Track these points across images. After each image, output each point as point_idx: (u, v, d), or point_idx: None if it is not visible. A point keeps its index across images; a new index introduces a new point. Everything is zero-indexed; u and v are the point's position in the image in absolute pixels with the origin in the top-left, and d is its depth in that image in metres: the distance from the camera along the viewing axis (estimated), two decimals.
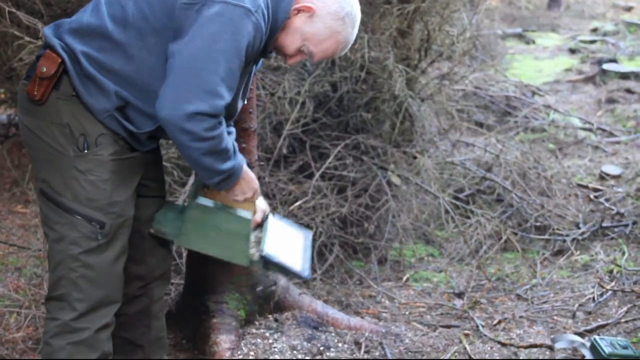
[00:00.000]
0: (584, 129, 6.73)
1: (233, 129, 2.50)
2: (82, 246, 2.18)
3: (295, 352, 2.96)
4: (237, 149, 2.25)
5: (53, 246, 2.23)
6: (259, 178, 3.40)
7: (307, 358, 2.94)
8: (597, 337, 3.02)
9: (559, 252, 4.22)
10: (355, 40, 4.70)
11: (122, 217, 2.21)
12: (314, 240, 3.86)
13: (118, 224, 2.20)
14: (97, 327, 2.24)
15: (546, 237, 4.36)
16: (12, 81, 5.27)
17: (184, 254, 3.45)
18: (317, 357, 2.96)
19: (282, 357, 2.91)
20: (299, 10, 2.15)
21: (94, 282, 2.21)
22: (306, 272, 2.50)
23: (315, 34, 2.17)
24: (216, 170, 2.16)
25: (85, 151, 2.13)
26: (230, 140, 2.17)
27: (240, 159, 2.25)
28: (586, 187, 5.16)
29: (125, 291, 2.41)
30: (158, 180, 2.49)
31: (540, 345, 3.13)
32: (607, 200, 4.86)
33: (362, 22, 4.94)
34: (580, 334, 3.18)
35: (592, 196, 4.96)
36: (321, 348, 3.02)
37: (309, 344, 3.04)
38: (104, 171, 2.15)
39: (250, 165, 3.12)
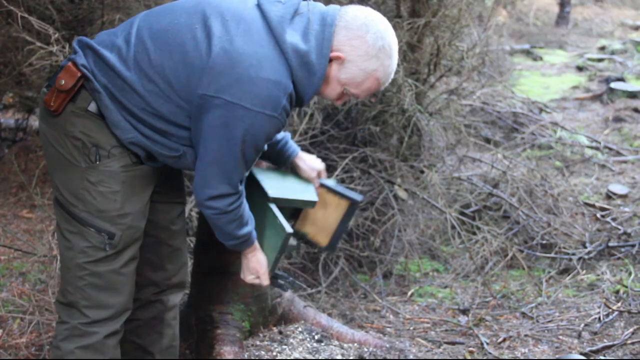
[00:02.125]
0: (591, 147, 6.72)
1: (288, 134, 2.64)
2: (90, 255, 2.20)
3: None
4: (252, 219, 2.37)
5: (64, 253, 2.25)
6: None
7: None
8: (602, 357, 3.01)
9: (565, 271, 4.21)
10: None
11: (132, 228, 2.23)
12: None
13: (128, 235, 2.22)
14: (106, 333, 2.26)
15: (552, 255, 4.34)
16: (21, 86, 5.28)
17: (190, 263, 3.44)
18: None
19: None
20: (331, 60, 2.14)
21: (103, 290, 2.23)
22: None
23: (352, 79, 2.17)
24: (235, 235, 2.30)
25: (97, 162, 2.14)
26: (246, 209, 2.32)
27: (250, 233, 2.37)
28: (593, 205, 5.15)
29: (140, 296, 2.45)
30: (175, 187, 2.50)
31: None
32: (613, 219, 4.84)
33: None
34: (586, 355, 3.16)
35: (598, 215, 4.95)
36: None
37: (313, 357, 3.03)
38: (114, 183, 2.17)
39: None
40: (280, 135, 2.58)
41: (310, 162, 2.66)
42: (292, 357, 2.98)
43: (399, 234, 4.19)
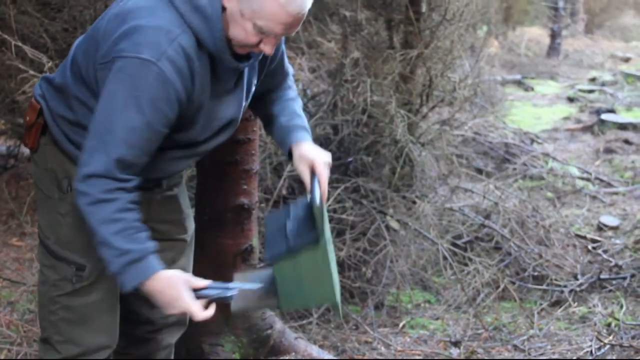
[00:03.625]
0: (582, 179, 6.74)
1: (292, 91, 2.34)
2: (61, 289, 2.10)
3: None
4: (147, 237, 1.91)
5: (39, 288, 2.20)
6: (258, 219, 3.39)
7: None
8: None
9: (557, 303, 4.19)
10: (358, 84, 4.78)
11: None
12: None
13: (101, 267, 2.00)
14: None
15: (544, 287, 4.33)
16: (14, 113, 5.28)
17: None
18: None
19: None
20: None
21: (75, 324, 2.13)
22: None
23: (250, 7, 1.80)
24: (115, 247, 1.84)
25: (68, 193, 2.04)
26: (138, 219, 1.89)
27: (150, 250, 1.89)
28: (584, 237, 5.15)
29: (135, 332, 2.37)
30: (171, 221, 2.32)
31: None
32: (605, 251, 4.85)
33: (365, 66, 5.01)
34: None
35: (590, 247, 4.95)
36: None
37: None
38: (71, 215, 2.04)
39: (251, 207, 3.11)
40: (288, 114, 2.25)
41: (305, 152, 2.15)
42: None
43: (390, 264, 4.18)
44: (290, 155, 2.18)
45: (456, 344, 3.73)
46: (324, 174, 2.08)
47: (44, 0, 4.84)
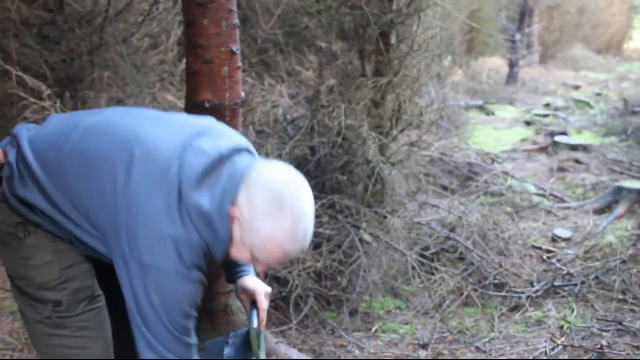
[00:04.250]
0: (538, 195, 6.78)
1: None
2: (47, 325, 1.98)
3: None
4: None
5: (26, 327, 2.07)
6: None
7: None
8: None
9: (515, 308, 4.21)
10: (333, 109, 4.80)
11: (79, 290, 1.97)
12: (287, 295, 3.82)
13: (76, 298, 1.96)
14: None
15: (503, 293, 4.34)
16: None
17: None
18: None
19: None
20: (232, 218, 1.75)
21: (74, 349, 2.01)
22: None
23: (252, 242, 1.74)
24: None
25: (25, 238, 1.92)
26: None
27: None
28: (540, 248, 5.18)
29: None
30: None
31: None
32: (558, 260, 4.88)
33: (340, 93, 5.03)
34: None
35: (545, 257, 4.98)
36: None
37: None
38: (45, 255, 1.93)
39: None
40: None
41: (246, 284, 2.13)
42: None
43: (364, 274, 4.18)
44: (232, 282, 2.20)
45: (424, 346, 3.73)
46: (263, 303, 2.09)
47: (44, 34, 4.83)
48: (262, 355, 2.05)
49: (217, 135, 1.87)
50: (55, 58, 4.78)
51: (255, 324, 2.02)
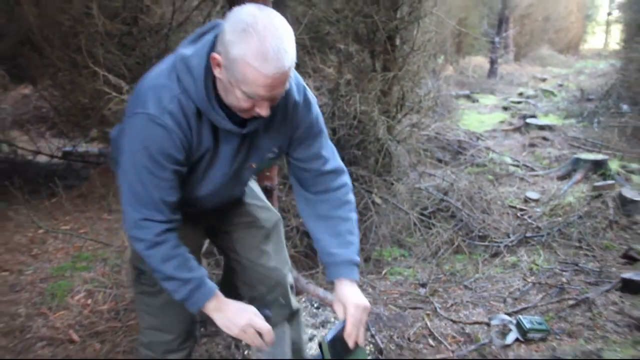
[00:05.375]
0: (513, 165, 6.72)
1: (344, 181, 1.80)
2: (137, 288, 1.89)
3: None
4: (197, 264, 1.63)
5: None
6: (279, 198, 3.38)
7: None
8: (520, 316, 3.00)
9: (495, 255, 4.19)
10: (350, 98, 4.76)
11: None
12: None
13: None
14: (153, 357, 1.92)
15: (486, 243, 4.33)
16: (103, 124, 5.29)
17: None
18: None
19: None
20: (217, 65, 1.45)
21: (152, 316, 1.89)
22: None
23: (233, 75, 1.41)
24: (178, 278, 1.58)
25: None
26: (186, 250, 1.62)
27: (205, 275, 1.63)
28: (515, 207, 5.14)
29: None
30: (241, 221, 1.95)
31: (480, 323, 3.10)
32: (529, 217, 4.84)
33: (355, 85, 5.00)
34: (509, 314, 3.15)
35: (518, 214, 4.94)
36: (321, 321, 3.00)
37: (312, 319, 3.02)
38: None
39: (272, 189, 3.10)
40: (335, 235, 1.73)
41: (342, 295, 1.68)
42: None
43: (375, 229, 4.18)
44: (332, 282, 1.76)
45: (423, 285, 3.73)
46: (356, 316, 1.63)
47: (123, 42, 4.85)
48: None
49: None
50: (132, 61, 4.79)
51: (330, 336, 1.60)
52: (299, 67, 6.09)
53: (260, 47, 1.35)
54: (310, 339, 2.81)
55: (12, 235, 4.25)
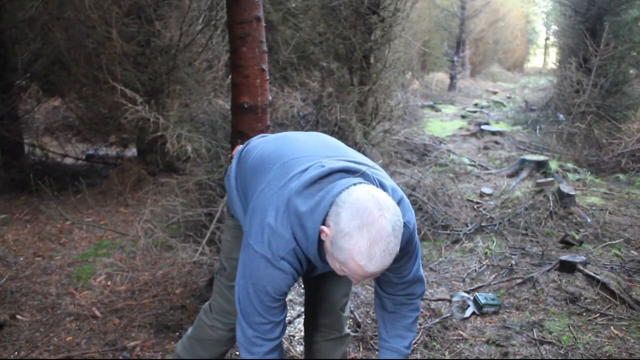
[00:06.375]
0: (471, 165, 6.73)
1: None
2: (217, 275, 1.87)
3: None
4: None
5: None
6: None
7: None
8: (477, 293, 3.00)
9: (456, 242, 4.19)
10: (331, 108, 4.74)
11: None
12: None
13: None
14: (229, 328, 1.87)
15: (448, 232, 4.32)
16: (120, 131, 5.24)
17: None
18: None
19: None
20: (322, 235, 1.33)
21: (227, 302, 1.84)
22: None
23: (337, 256, 1.29)
24: None
25: (228, 219, 1.81)
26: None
27: None
28: (472, 200, 5.15)
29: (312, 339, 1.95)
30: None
31: (443, 299, 3.10)
32: (484, 209, 4.84)
33: (336, 97, 4.98)
34: (467, 292, 3.15)
35: (475, 207, 4.95)
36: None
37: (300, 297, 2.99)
38: (228, 234, 1.80)
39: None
40: (393, 329, 1.70)
41: None
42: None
43: None
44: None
45: None
46: None
47: (137, 61, 4.82)
48: None
49: (341, 155, 1.49)
50: (145, 77, 4.75)
51: None
52: (287, 82, 6.08)
53: (369, 251, 1.24)
54: None
55: (43, 226, 4.22)
